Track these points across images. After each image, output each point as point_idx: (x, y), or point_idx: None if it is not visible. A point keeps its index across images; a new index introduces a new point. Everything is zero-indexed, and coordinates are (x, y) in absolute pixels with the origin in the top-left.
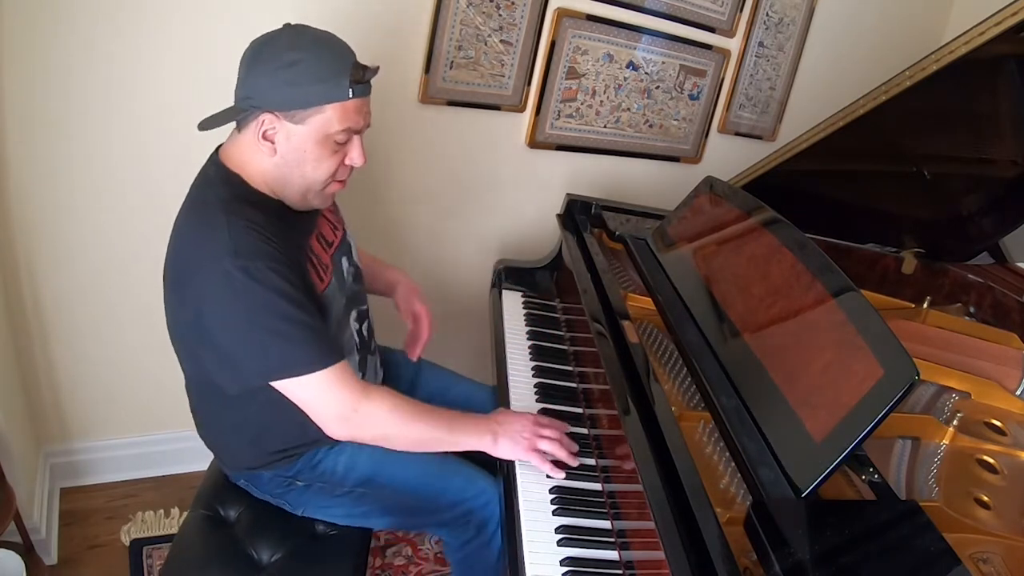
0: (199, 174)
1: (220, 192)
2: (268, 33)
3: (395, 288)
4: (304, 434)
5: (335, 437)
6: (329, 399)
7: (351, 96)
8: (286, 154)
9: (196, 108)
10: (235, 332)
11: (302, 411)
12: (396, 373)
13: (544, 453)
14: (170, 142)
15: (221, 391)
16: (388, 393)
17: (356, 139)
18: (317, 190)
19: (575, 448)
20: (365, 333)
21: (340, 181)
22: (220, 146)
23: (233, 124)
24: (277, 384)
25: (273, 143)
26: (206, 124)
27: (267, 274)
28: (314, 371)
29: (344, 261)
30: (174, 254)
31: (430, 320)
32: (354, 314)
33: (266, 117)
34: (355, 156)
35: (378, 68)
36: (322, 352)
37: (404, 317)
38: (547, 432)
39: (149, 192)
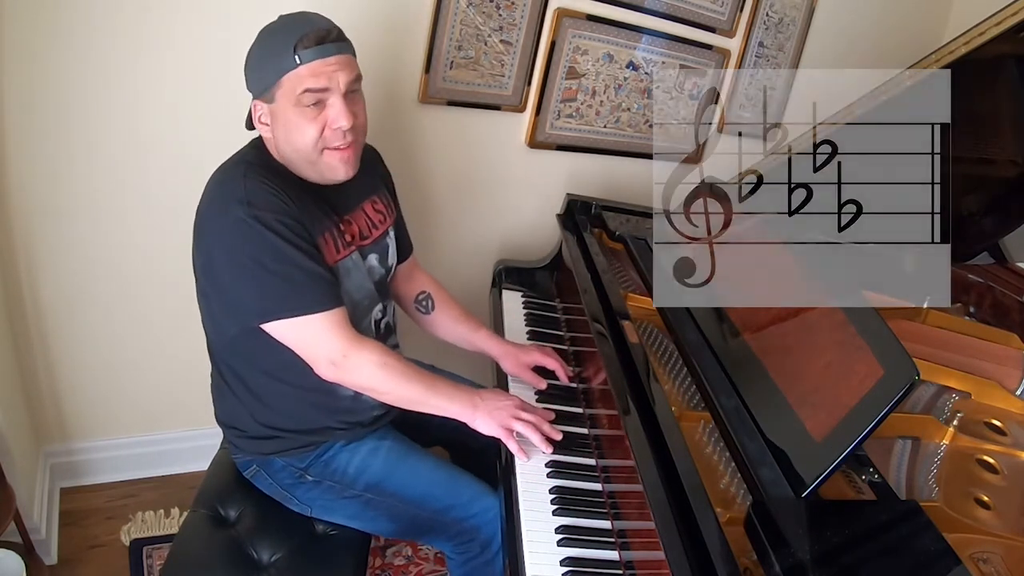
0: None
1: (248, 156)
2: None
3: (500, 362)
4: (318, 418)
5: (324, 378)
6: (321, 341)
7: (299, 63)
8: (276, 131)
9: (195, 109)
10: (239, 271)
11: (317, 392)
12: None
13: (518, 435)
14: (170, 144)
15: (241, 358)
16: (380, 348)
17: (333, 100)
18: (314, 159)
19: (557, 436)
20: (382, 327)
21: (336, 148)
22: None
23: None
24: (273, 326)
25: (268, 124)
26: (247, 122)
27: (277, 224)
28: (310, 313)
29: (373, 258)
30: (198, 209)
31: (546, 352)
32: (378, 307)
33: (254, 105)
34: (334, 116)
35: (333, 28)
36: (322, 296)
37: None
38: (525, 416)
39: (149, 193)
